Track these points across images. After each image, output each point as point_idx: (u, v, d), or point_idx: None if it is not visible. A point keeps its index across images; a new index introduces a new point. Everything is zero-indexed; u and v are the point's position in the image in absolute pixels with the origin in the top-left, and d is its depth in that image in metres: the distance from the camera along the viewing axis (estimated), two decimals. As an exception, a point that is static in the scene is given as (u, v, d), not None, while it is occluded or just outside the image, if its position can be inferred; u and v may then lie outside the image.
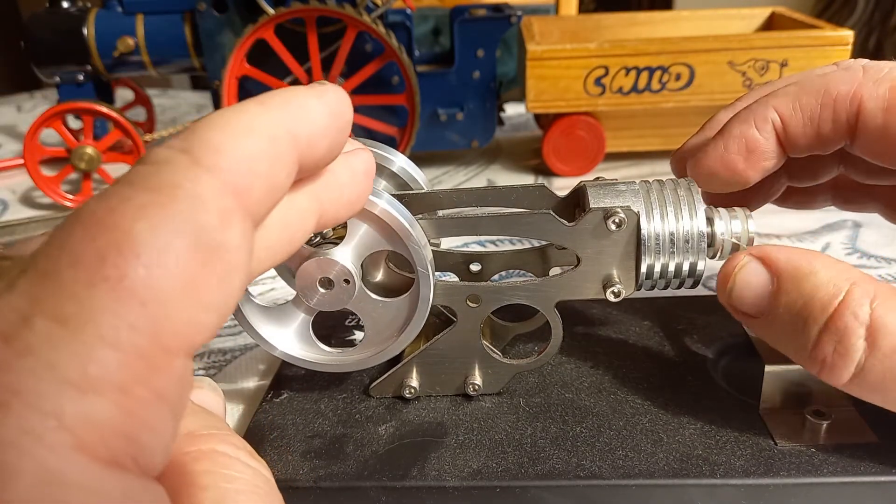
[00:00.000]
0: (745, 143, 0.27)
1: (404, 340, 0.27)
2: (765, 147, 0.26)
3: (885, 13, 1.81)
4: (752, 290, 0.24)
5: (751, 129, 0.27)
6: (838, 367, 0.22)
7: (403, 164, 0.30)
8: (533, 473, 0.25)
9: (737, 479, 0.24)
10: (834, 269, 0.22)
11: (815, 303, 0.22)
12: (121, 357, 0.12)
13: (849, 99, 0.25)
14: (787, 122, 0.26)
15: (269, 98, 0.17)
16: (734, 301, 0.25)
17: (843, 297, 0.22)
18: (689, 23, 0.67)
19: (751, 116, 0.27)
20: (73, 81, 0.60)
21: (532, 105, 0.57)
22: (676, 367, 0.30)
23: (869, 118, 0.25)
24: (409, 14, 0.58)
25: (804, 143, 0.26)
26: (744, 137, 0.27)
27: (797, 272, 0.23)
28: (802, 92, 0.26)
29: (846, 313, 0.21)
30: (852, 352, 0.21)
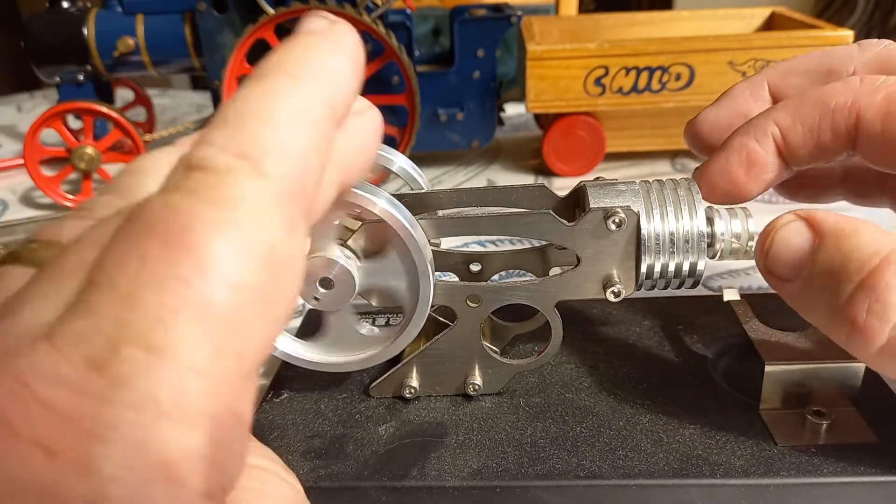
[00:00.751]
0: (747, 156, 0.27)
1: (404, 340, 0.27)
2: (765, 160, 0.27)
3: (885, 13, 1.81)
4: (790, 249, 0.23)
5: (751, 141, 0.27)
6: (870, 329, 0.21)
7: (403, 164, 0.30)
8: (533, 473, 0.25)
9: (737, 479, 0.24)
10: (879, 233, 0.22)
11: (852, 261, 0.21)
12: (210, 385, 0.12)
13: (847, 109, 0.25)
14: (787, 134, 0.26)
15: (299, 68, 0.15)
16: (770, 261, 0.24)
17: (886, 255, 0.21)
18: (689, 23, 0.67)
19: (751, 130, 0.27)
20: (73, 81, 0.60)
21: (532, 105, 0.57)
22: (676, 367, 0.30)
23: (868, 126, 0.25)
24: (409, 14, 0.58)
25: (805, 154, 0.26)
26: (745, 150, 0.27)
27: (841, 232, 0.22)
28: (801, 104, 0.26)
29: (886, 271, 0.21)
30: (890, 310, 0.20)
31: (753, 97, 0.29)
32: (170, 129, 0.65)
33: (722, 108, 0.30)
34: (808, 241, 0.23)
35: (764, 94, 0.29)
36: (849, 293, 0.21)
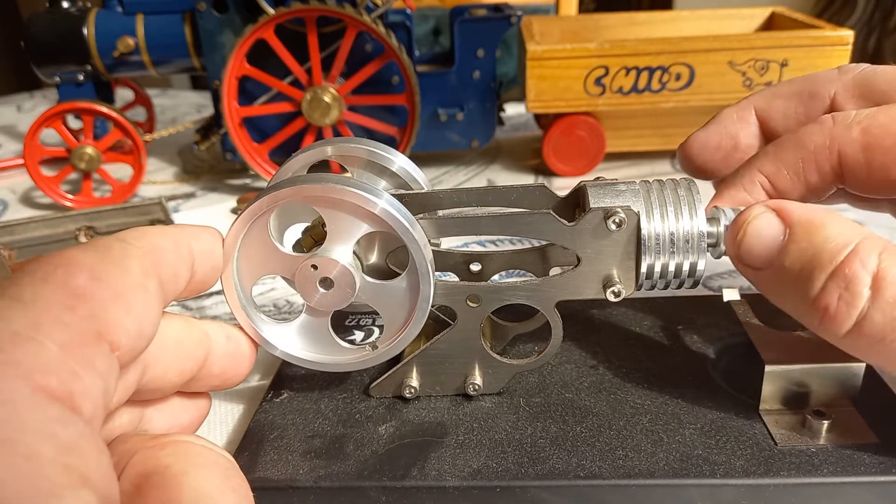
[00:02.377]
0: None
1: (404, 340, 0.27)
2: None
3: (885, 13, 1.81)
4: (762, 239, 0.24)
5: (740, 193, 0.27)
6: (840, 315, 0.22)
7: (403, 164, 0.30)
8: (533, 473, 0.25)
9: (737, 479, 0.24)
10: (846, 225, 0.23)
11: (824, 252, 0.22)
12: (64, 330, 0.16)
13: (827, 149, 0.26)
14: (775, 181, 0.27)
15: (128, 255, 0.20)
16: (742, 251, 0.25)
17: (854, 247, 0.22)
18: (689, 23, 0.67)
19: (738, 181, 0.28)
20: (73, 81, 0.60)
21: (532, 105, 0.57)
22: (676, 367, 0.30)
23: (852, 161, 0.25)
24: (409, 14, 0.58)
25: (796, 195, 0.27)
26: (736, 202, 0.27)
27: (810, 224, 0.23)
28: (781, 150, 0.27)
29: (855, 261, 0.22)
30: (857, 299, 0.22)
31: (741, 120, 0.30)
32: (170, 129, 0.65)
33: (710, 132, 0.30)
34: (780, 233, 0.24)
35: (750, 118, 0.30)
36: (821, 284, 0.22)
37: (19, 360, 0.15)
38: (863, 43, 1.81)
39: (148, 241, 0.21)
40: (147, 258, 0.20)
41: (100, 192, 0.62)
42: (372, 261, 0.29)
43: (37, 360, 0.15)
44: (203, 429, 0.31)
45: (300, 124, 0.57)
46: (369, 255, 0.29)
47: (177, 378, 0.23)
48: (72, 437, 0.15)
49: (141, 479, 0.18)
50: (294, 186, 0.25)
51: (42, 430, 0.15)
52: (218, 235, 0.25)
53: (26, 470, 0.14)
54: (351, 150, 0.30)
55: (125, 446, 0.20)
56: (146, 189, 0.63)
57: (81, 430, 0.15)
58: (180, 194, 0.61)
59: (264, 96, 0.57)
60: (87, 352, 0.17)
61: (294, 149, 0.37)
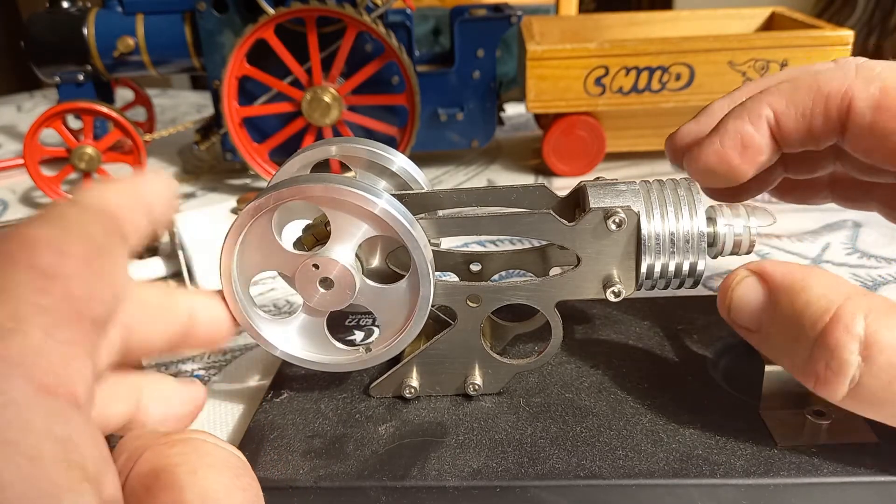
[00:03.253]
0: (741, 139, 0.27)
1: (404, 340, 0.27)
2: (759, 142, 0.27)
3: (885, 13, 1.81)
4: (748, 305, 0.24)
5: (745, 124, 0.27)
6: (832, 383, 0.22)
7: (403, 164, 0.30)
8: (533, 473, 0.25)
9: (737, 479, 0.24)
10: (828, 285, 0.22)
11: (806, 318, 0.22)
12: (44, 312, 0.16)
13: (840, 96, 0.25)
14: (781, 118, 0.26)
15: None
16: (733, 316, 0.25)
17: (835, 312, 0.21)
18: (689, 23, 0.67)
19: (745, 113, 0.27)
20: (73, 81, 0.60)
21: (532, 105, 0.57)
22: (676, 367, 0.30)
23: (858, 116, 0.25)
24: (409, 14, 0.58)
25: (797, 138, 0.27)
26: (739, 133, 0.27)
27: (791, 287, 0.23)
28: (796, 88, 0.26)
29: (838, 328, 0.21)
30: (845, 367, 0.21)
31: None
32: (170, 129, 0.65)
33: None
34: (763, 297, 0.24)
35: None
36: (807, 353, 0.22)
37: (11, 356, 0.15)
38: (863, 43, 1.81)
39: (103, 200, 0.20)
40: (106, 218, 0.20)
41: (100, 192, 0.62)
42: (373, 264, 0.29)
43: (28, 353, 0.15)
44: (203, 429, 0.31)
45: (300, 124, 0.57)
46: (371, 258, 0.29)
47: (162, 340, 0.24)
48: (70, 431, 0.15)
49: (150, 478, 0.18)
50: (295, 186, 0.25)
51: (43, 428, 0.14)
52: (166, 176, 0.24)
53: (29, 472, 0.14)
54: (351, 150, 0.30)
55: (136, 443, 0.19)
56: (146, 189, 0.63)
57: (78, 421, 0.15)
58: (180, 194, 0.61)
59: (264, 96, 0.57)
60: (71, 334, 0.16)
61: (294, 149, 0.37)
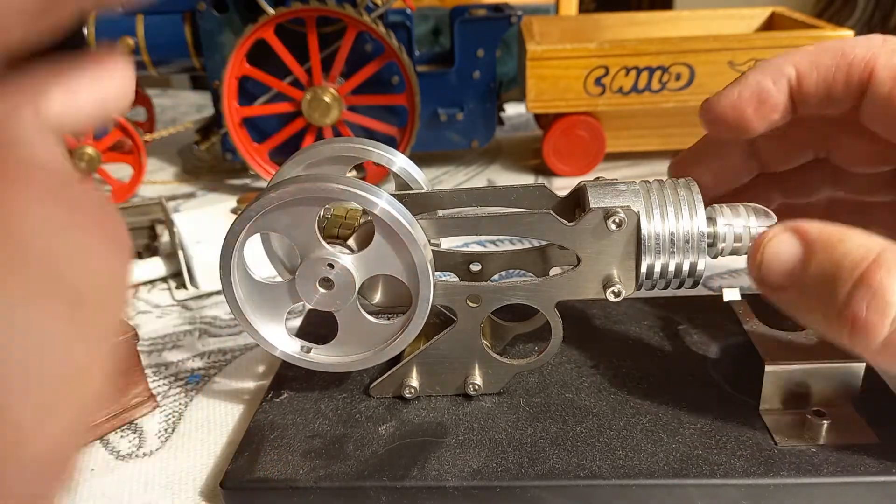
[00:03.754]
0: (758, 93, 0.27)
1: (404, 340, 0.27)
2: (776, 99, 0.27)
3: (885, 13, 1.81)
4: (781, 259, 0.24)
5: (766, 79, 0.27)
6: (871, 325, 0.21)
7: (403, 164, 0.30)
8: (533, 473, 0.25)
9: (737, 479, 0.24)
10: (864, 236, 0.23)
11: (845, 264, 0.22)
12: None
13: (863, 63, 0.26)
14: (803, 78, 0.27)
15: None
16: (763, 272, 0.24)
17: (876, 257, 0.22)
18: (689, 23, 0.67)
19: (768, 68, 0.27)
20: (73, 81, 0.60)
21: (532, 105, 0.57)
22: (676, 367, 0.30)
23: (878, 85, 0.25)
24: (409, 14, 0.58)
25: (815, 100, 0.27)
26: (758, 86, 0.27)
27: (829, 240, 0.23)
28: (821, 51, 0.27)
29: (880, 270, 0.21)
30: (888, 308, 0.21)
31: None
32: (170, 129, 0.65)
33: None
34: (799, 251, 0.24)
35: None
36: (846, 293, 0.22)
37: None
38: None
39: None
40: None
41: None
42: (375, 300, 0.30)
43: None
44: (203, 429, 0.31)
45: (300, 124, 0.57)
46: (372, 294, 0.30)
47: None
48: None
49: None
50: (295, 186, 0.25)
51: None
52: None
53: None
54: (351, 151, 0.30)
55: None
56: (146, 189, 0.63)
57: None
58: (180, 194, 0.61)
59: (264, 96, 0.57)
60: None
61: (294, 149, 0.37)
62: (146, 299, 0.44)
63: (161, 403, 0.33)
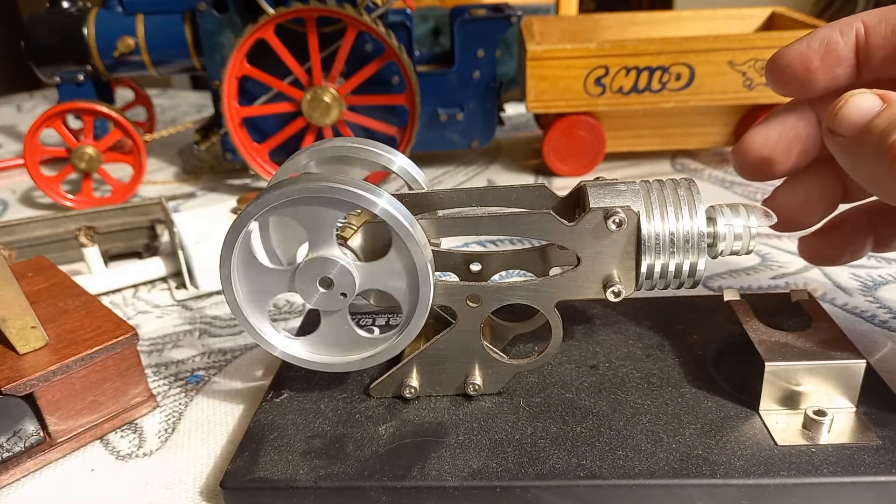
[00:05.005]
0: (826, 43, 0.28)
1: (404, 340, 0.27)
2: (842, 51, 0.28)
3: (885, 13, 1.81)
4: (859, 109, 0.25)
5: (835, 32, 0.28)
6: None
7: (403, 164, 0.30)
8: (533, 473, 0.25)
9: (737, 479, 0.24)
10: None
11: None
12: None
13: None
14: (871, 32, 0.28)
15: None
16: (838, 119, 0.25)
17: None
18: (689, 23, 0.67)
19: (837, 24, 0.28)
20: (73, 81, 0.60)
21: (532, 105, 0.57)
22: (676, 367, 0.30)
23: None
24: (409, 14, 0.58)
25: (881, 55, 0.28)
26: (826, 38, 0.28)
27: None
28: (891, 9, 0.27)
29: None
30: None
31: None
32: (170, 129, 0.65)
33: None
34: (877, 105, 0.25)
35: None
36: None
37: None
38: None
39: None
40: None
41: (100, 192, 0.62)
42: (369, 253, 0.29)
43: None
44: (203, 429, 0.31)
45: (300, 124, 0.57)
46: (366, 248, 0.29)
47: None
48: None
49: None
50: (295, 186, 0.25)
51: None
52: None
53: None
54: (351, 151, 0.30)
55: None
56: (146, 189, 0.63)
57: None
58: (180, 194, 0.61)
59: (264, 96, 0.57)
60: None
61: (294, 149, 0.37)
62: (146, 299, 0.44)
63: (161, 403, 0.33)
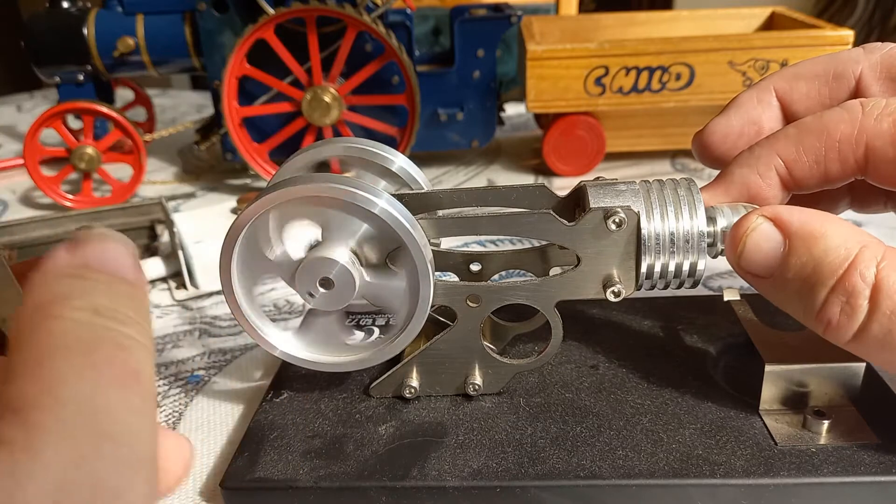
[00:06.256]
0: (748, 192, 0.27)
1: (404, 340, 0.27)
2: (767, 194, 0.27)
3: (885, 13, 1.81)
4: (762, 252, 0.24)
5: (753, 175, 0.27)
6: (842, 327, 0.22)
7: (403, 164, 0.30)
8: (533, 473, 0.25)
9: (737, 479, 0.24)
10: (845, 233, 0.23)
11: (825, 266, 0.22)
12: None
13: (853, 140, 0.25)
14: (793, 167, 0.26)
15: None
16: (743, 263, 0.24)
17: (853, 259, 0.22)
18: (689, 23, 0.67)
19: (753, 162, 0.27)
20: (73, 81, 0.60)
21: (532, 105, 0.57)
22: (676, 367, 0.30)
23: (879, 155, 0.25)
24: (409, 14, 0.58)
25: (812, 183, 0.26)
26: (746, 185, 0.27)
27: (809, 234, 0.23)
28: (803, 134, 0.26)
29: (854, 274, 0.22)
30: (857, 311, 0.22)
31: (761, 103, 0.29)
32: (170, 129, 0.65)
33: (732, 118, 0.29)
34: (779, 244, 0.24)
35: (772, 100, 0.29)
36: (823, 298, 0.22)
37: None
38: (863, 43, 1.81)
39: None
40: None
41: (100, 192, 0.62)
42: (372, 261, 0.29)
43: None
44: (203, 429, 0.31)
45: (300, 124, 0.57)
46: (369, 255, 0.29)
47: None
48: None
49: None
50: (295, 186, 0.25)
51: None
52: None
53: None
54: (351, 151, 0.30)
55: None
56: (146, 189, 0.63)
57: None
58: (180, 194, 0.61)
59: (264, 96, 0.57)
60: None
61: (294, 149, 0.37)
62: (146, 299, 0.44)
63: (161, 403, 0.33)
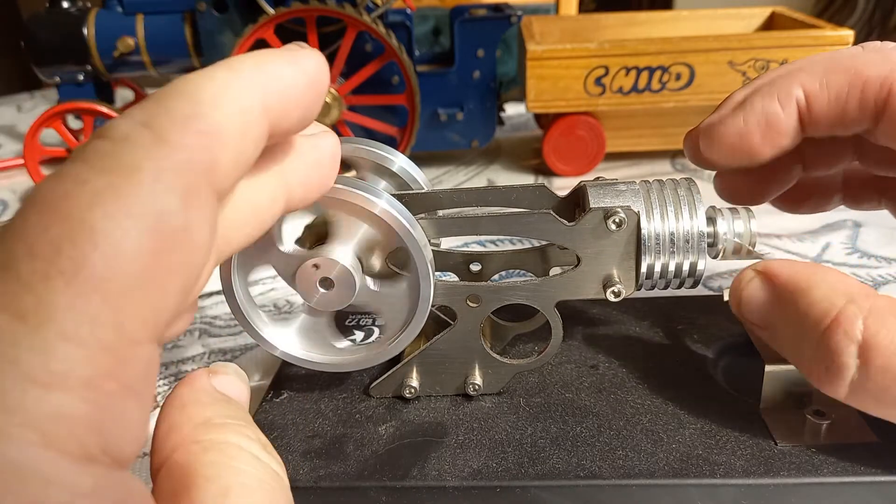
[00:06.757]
0: (766, 119, 0.26)
1: (404, 340, 0.27)
2: (785, 124, 0.26)
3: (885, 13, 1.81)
4: (756, 305, 0.25)
5: (773, 103, 0.26)
6: (833, 384, 0.22)
7: (403, 164, 0.30)
8: (533, 473, 0.25)
9: (737, 479, 0.24)
10: (831, 286, 0.22)
11: (809, 320, 0.22)
12: (84, 352, 0.12)
13: (880, 82, 0.24)
14: (812, 100, 0.25)
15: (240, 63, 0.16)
16: (743, 316, 0.25)
17: (835, 316, 0.22)
18: (689, 23, 0.67)
19: (774, 91, 0.26)
20: (73, 81, 0.60)
21: (532, 105, 0.57)
22: (676, 367, 0.30)
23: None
24: (409, 14, 0.58)
25: (826, 122, 0.25)
26: (765, 112, 0.26)
27: (796, 288, 0.23)
28: (831, 70, 0.25)
29: (837, 331, 0.22)
30: (844, 369, 0.22)
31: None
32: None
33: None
34: (770, 297, 0.24)
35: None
36: (811, 353, 0.23)
37: None
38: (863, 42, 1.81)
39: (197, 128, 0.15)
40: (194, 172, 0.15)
41: (100, 192, 0.62)
42: (373, 262, 0.29)
43: None
44: (203, 429, 0.31)
45: (300, 124, 0.57)
46: (370, 256, 0.29)
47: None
48: None
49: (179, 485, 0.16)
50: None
51: None
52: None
53: None
54: (351, 150, 0.30)
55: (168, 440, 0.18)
56: (146, 189, 0.63)
57: None
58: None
59: (264, 96, 0.57)
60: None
61: (294, 149, 0.37)
62: (146, 299, 0.44)
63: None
